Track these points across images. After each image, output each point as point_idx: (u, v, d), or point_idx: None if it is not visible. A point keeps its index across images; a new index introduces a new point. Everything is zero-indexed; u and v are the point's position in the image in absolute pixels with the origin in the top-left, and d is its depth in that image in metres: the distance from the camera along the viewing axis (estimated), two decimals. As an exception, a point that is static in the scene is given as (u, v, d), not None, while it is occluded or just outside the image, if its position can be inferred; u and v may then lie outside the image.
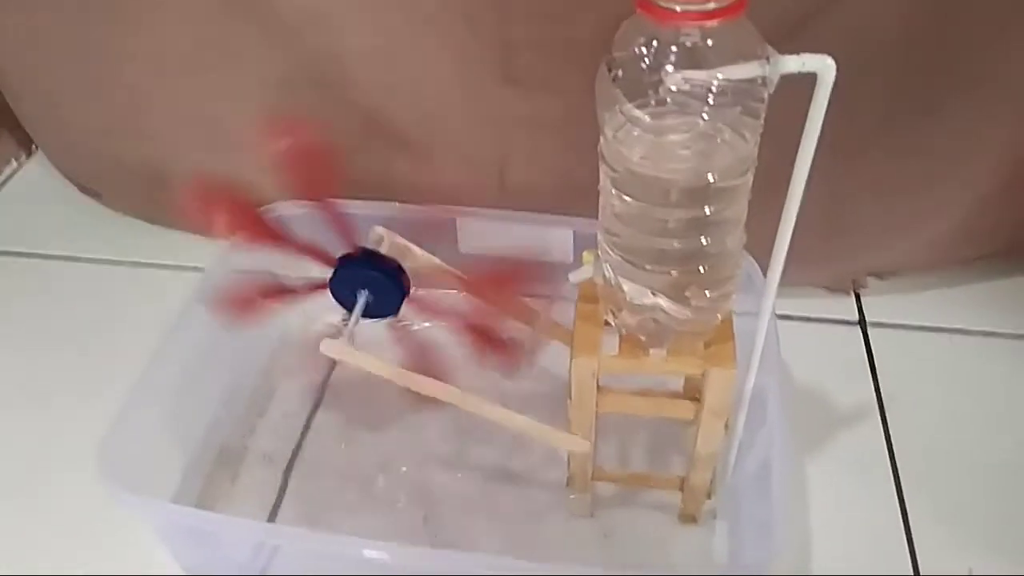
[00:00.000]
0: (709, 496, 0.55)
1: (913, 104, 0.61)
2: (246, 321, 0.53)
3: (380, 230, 0.54)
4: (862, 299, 0.75)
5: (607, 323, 0.48)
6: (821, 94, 0.37)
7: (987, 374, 0.68)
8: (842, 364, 0.69)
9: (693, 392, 0.56)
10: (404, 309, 0.53)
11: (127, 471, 0.48)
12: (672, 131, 0.39)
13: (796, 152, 0.38)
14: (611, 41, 0.64)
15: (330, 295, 0.52)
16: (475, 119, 0.71)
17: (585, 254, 0.49)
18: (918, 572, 0.55)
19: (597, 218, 0.60)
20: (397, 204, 0.63)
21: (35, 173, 0.92)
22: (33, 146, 0.94)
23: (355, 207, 0.55)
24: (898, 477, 0.61)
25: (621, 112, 0.39)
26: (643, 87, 0.38)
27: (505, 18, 0.64)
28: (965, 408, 0.65)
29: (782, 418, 0.50)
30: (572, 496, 0.57)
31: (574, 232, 0.64)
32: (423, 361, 0.52)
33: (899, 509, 0.59)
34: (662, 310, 0.44)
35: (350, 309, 0.52)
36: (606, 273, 0.45)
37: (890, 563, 0.56)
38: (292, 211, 0.64)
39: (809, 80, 0.36)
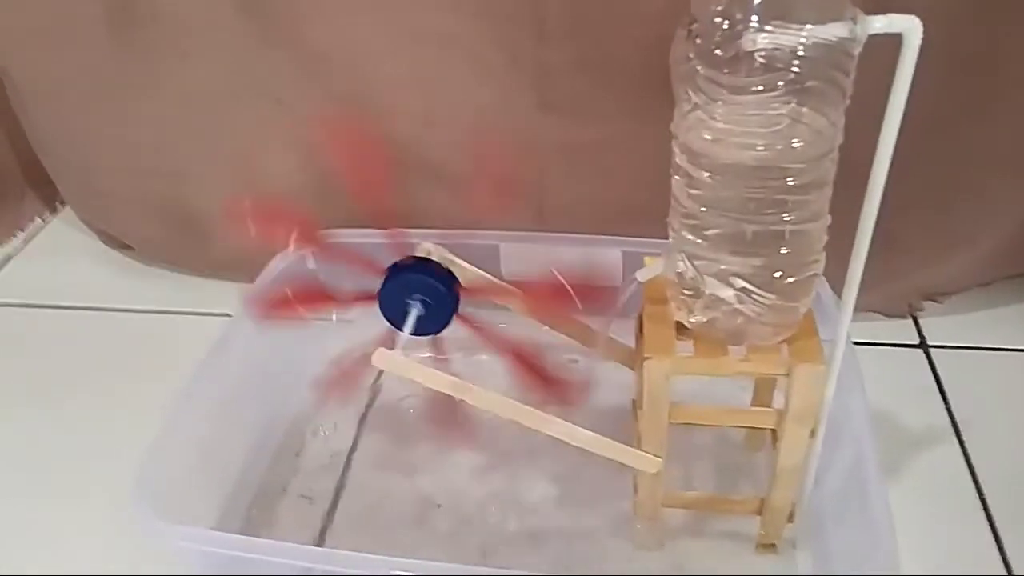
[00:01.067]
0: (791, 519, 0.50)
1: (963, 106, 0.60)
2: (283, 321, 0.50)
3: (428, 245, 0.52)
4: (920, 322, 0.72)
5: (679, 326, 0.45)
6: (908, 58, 0.35)
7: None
8: (909, 388, 0.66)
9: (764, 400, 0.53)
10: (451, 331, 0.51)
11: (161, 505, 0.44)
12: (752, 105, 0.37)
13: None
14: (649, 64, 0.64)
15: (377, 311, 0.49)
16: (512, 146, 0.70)
17: (647, 258, 0.47)
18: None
19: (642, 238, 0.58)
20: (436, 231, 0.61)
21: (60, 230, 0.91)
22: (58, 204, 0.93)
23: (394, 236, 0.52)
24: (984, 500, 0.57)
25: (699, 83, 0.37)
26: (722, 57, 0.36)
27: (542, 42, 0.63)
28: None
29: (871, 433, 0.47)
30: (639, 526, 0.52)
31: (623, 252, 0.62)
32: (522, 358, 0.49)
33: (991, 533, 0.55)
34: (741, 301, 0.41)
35: (397, 325, 0.49)
36: (680, 265, 0.42)
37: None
38: (349, 238, 0.63)
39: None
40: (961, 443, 0.61)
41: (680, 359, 0.43)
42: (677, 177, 0.41)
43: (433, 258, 0.50)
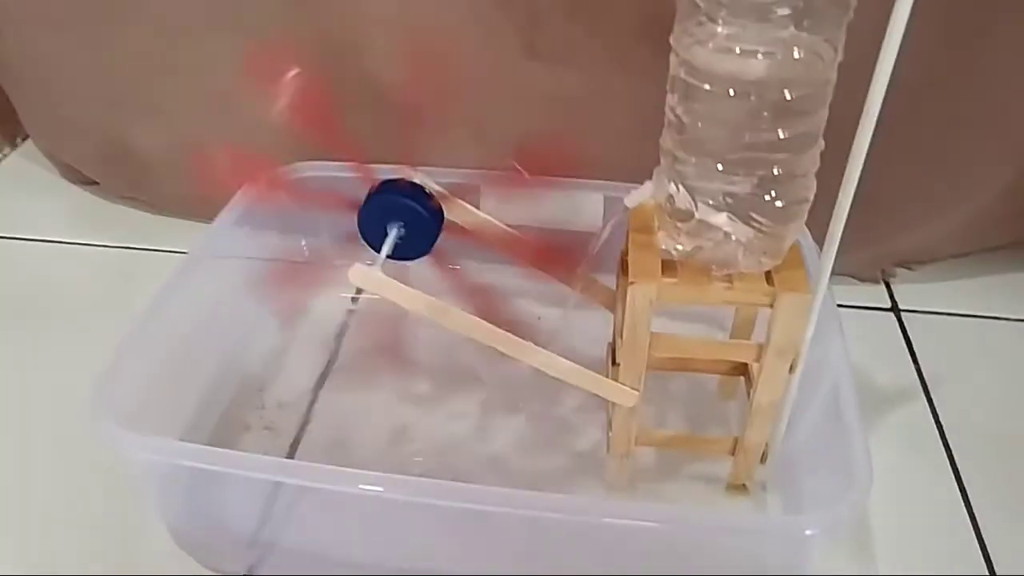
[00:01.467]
0: (763, 460, 0.50)
1: (952, 70, 0.60)
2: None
3: (412, 172, 0.50)
4: (892, 288, 0.73)
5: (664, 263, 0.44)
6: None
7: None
8: (880, 349, 0.66)
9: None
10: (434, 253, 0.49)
11: (121, 416, 0.42)
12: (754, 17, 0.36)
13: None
14: (642, 13, 0.63)
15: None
16: (495, 95, 0.68)
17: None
18: (983, 542, 0.51)
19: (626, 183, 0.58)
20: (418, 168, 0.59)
21: (19, 164, 0.88)
22: (18, 140, 0.90)
23: (364, 170, 0.51)
24: (951, 453, 0.57)
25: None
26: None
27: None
28: (1010, 388, 0.62)
29: (849, 375, 0.46)
30: (610, 464, 0.52)
31: (604, 196, 0.61)
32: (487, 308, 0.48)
33: (956, 484, 0.55)
34: (731, 227, 0.40)
35: (375, 247, 0.47)
36: (671, 188, 0.41)
37: (954, 536, 0.52)
38: (314, 172, 0.62)
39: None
40: (930, 401, 0.61)
41: (665, 284, 0.43)
42: (674, 94, 0.40)
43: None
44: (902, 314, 0.70)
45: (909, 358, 0.65)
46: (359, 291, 0.68)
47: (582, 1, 0.62)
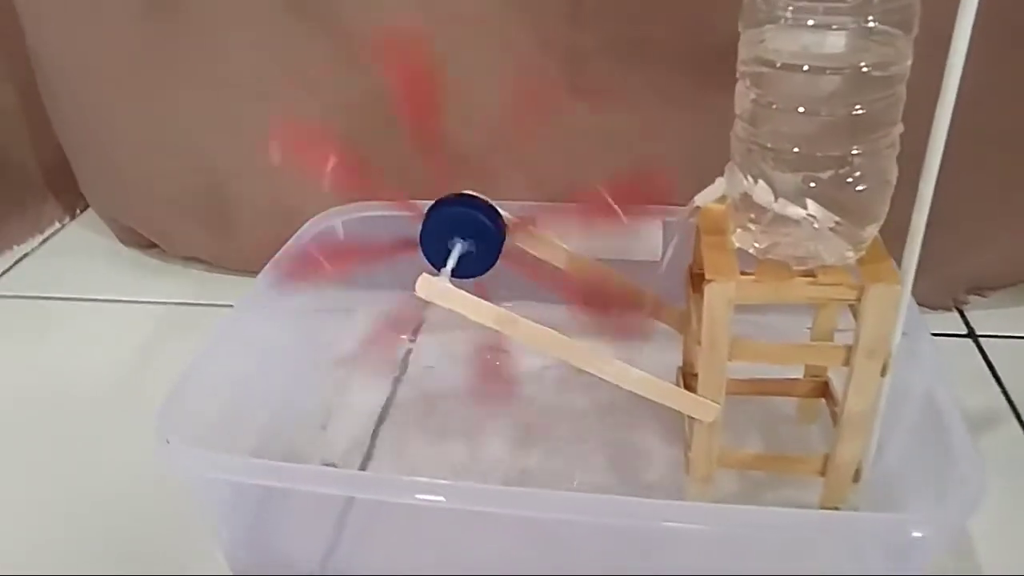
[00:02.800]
0: (856, 479, 0.47)
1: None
2: (309, 283, 0.48)
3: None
4: (966, 314, 0.70)
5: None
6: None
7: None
8: (962, 376, 0.63)
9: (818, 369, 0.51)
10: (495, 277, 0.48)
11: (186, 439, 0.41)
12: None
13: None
14: (683, 47, 0.63)
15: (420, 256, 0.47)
16: (541, 135, 0.68)
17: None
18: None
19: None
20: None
21: (78, 232, 0.90)
22: (78, 211, 0.92)
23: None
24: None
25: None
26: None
27: (575, 21, 0.63)
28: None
29: (942, 376, 0.44)
30: (690, 488, 0.49)
31: (664, 222, 0.60)
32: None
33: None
34: (811, 219, 0.39)
35: (440, 266, 0.46)
36: (744, 184, 0.40)
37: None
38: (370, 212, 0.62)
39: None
40: (1020, 420, 0.58)
41: (744, 283, 0.41)
42: (745, 80, 0.39)
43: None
44: (980, 340, 0.67)
45: (995, 384, 0.62)
46: (416, 331, 0.67)
47: (621, 38, 0.63)
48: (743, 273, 0.42)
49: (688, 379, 0.53)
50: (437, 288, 0.43)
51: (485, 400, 0.55)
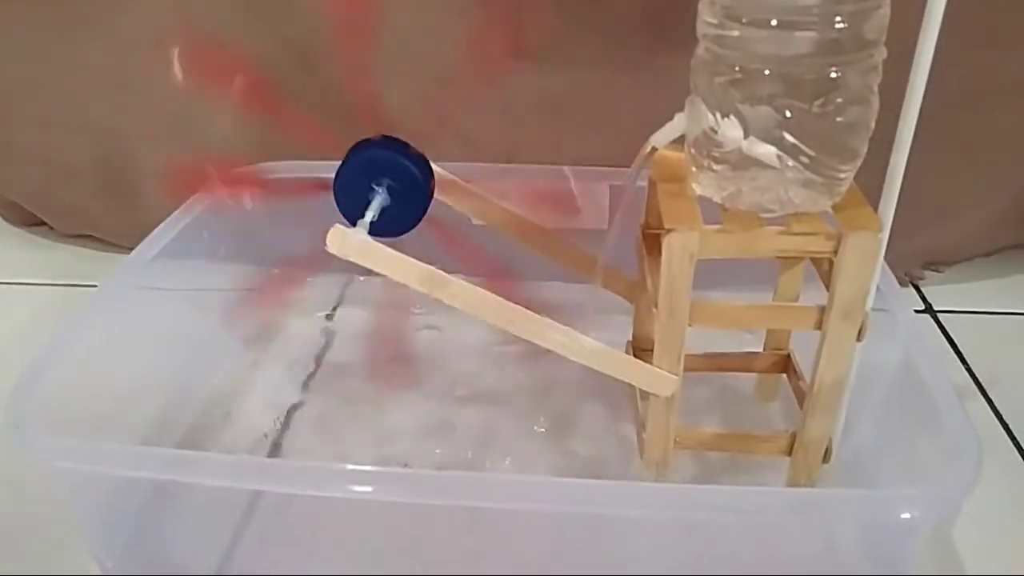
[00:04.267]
0: (826, 458, 0.42)
1: (985, 64, 0.56)
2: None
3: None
4: (922, 290, 0.67)
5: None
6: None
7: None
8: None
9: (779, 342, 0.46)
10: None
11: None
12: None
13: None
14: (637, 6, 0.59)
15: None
16: (481, 101, 0.63)
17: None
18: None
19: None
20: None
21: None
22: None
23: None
24: (1021, 448, 0.50)
25: None
26: None
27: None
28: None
29: (917, 332, 0.39)
30: (644, 472, 0.43)
31: (610, 186, 0.55)
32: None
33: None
34: (784, 159, 0.34)
35: (354, 218, 0.40)
36: (709, 118, 0.35)
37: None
38: (285, 172, 0.55)
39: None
40: (988, 400, 0.54)
41: (709, 233, 0.36)
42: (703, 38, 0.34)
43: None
44: (939, 315, 0.64)
45: (956, 358, 0.59)
46: (335, 308, 0.60)
47: None
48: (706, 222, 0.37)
49: (640, 355, 0.47)
50: (352, 242, 0.36)
51: (386, 381, 0.49)
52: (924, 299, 0.66)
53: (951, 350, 0.60)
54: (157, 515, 0.37)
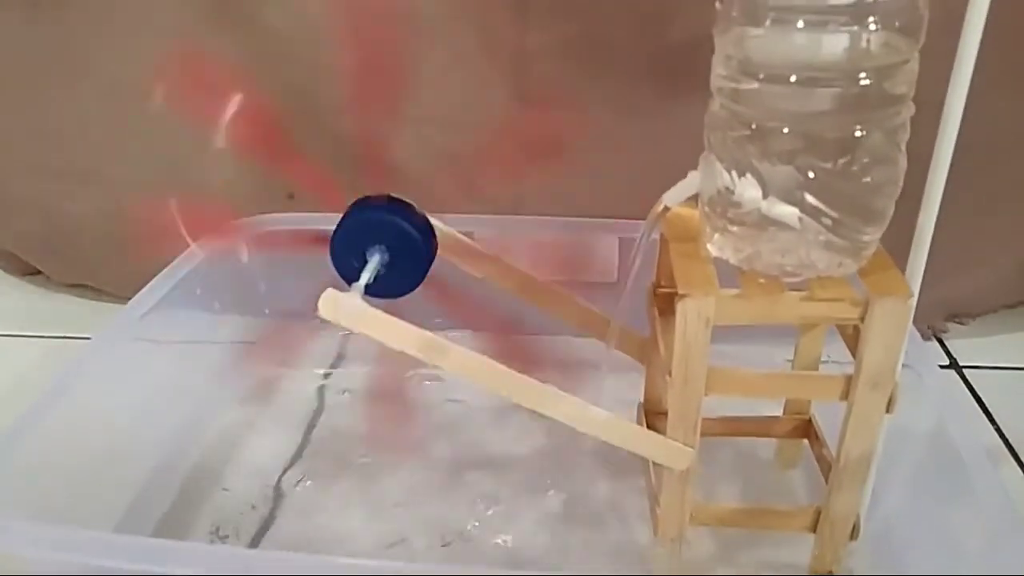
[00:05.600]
0: (854, 535, 0.39)
1: (1006, 112, 0.54)
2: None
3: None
4: (947, 344, 0.64)
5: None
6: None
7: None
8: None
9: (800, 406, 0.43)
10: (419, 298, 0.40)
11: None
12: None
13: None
14: (638, 49, 0.58)
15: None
16: (485, 146, 0.61)
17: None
18: None
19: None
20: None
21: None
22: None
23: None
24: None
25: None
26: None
27: (523, 21, 0.57)
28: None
29: (951, 403, 0.37)
30: (658, 550, 0.40)
31: (619, 238, 0.53)
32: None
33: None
34: (805, 221, 0.32)
35: (351, 278, 0.38)
36: (724, 179, 0.33)
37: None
38: (278, 224, 0.54)
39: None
40: (1020, 462, 0.52)
41: (726, 298, 0.34)
42: (724, 44, 0.32)
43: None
44: (964, 371, 0.61)
45: (984, 418, 0.56)
46: (333, 365, 0.58)
47: (573, 39, 0.57)
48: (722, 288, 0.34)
49: (652, 418, 0.45)
50: (345, 307, 0.34)
51: (387, 448, 0.47)
52: (949, 353, 0.63)
53: (979, 409, 0.57)
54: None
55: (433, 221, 0.41)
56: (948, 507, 0.37)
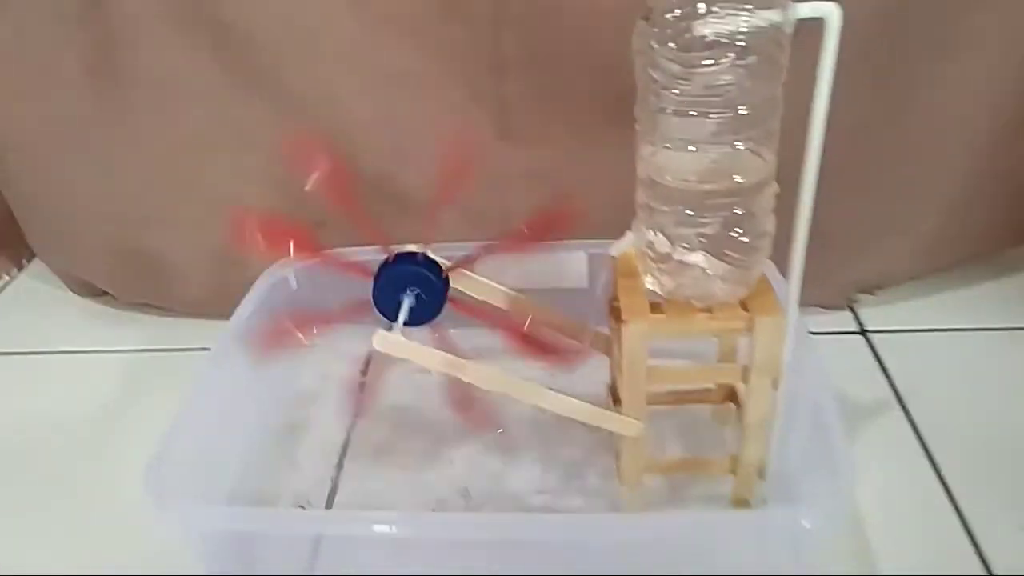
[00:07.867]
0: (762, 476, 0.55)
1: (880, 107, 0.67)
2: (281, 352, 0.53)
3: (413, 247, 0.56)
4: (858, 313, 0.79)
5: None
6: (829, 39, 0.42)
7: (990, 364, 0.71)
8: (853, 369, 0.71)
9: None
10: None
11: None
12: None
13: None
14: (598, 90, 0.70)
15: (373, 310, 0.53)
16: (476, 176, 0.74)
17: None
18: (972, 535, 0.56)
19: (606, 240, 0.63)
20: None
21: (28, 285, 0.92)
22: (24, 261, 0.95)
23: (366, 253, 0.56)
24: (931, 456, 0.62)
25: (658, 63, 0.43)
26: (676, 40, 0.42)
27: (500, 76, 0.69)
28: (977, 391, 0.68)
29: (828, 387, 0.52)
30: (625, 493, 0.56)
31: (588, 254, 0.67)
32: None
33: (940, 483, 0.60)
34: (707, 263, 0.46)
35: (393, 318, 0.52)
36: (649, 235, 0.47)
37: (944, 532, 0.56)
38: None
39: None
40: (906, 411, 0.66)
41: (655, 320, 0.48)
42: (642, 152, 0.46)
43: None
44: (869, 335, 0.76)
45: (882, 375, 0.71)
46: (367, 364, 0.73)
47: (542, 86, 0.69)
48: (654, 310, 0.49)
49: (617, 391, 0.60)
50: (391, 342, 0.49)
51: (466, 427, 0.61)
52: (858, 321, 0.78)
53: (878, 367, 0.72)
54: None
55: (441, 261, 0.55)
56: (833, 449, 0.51)
